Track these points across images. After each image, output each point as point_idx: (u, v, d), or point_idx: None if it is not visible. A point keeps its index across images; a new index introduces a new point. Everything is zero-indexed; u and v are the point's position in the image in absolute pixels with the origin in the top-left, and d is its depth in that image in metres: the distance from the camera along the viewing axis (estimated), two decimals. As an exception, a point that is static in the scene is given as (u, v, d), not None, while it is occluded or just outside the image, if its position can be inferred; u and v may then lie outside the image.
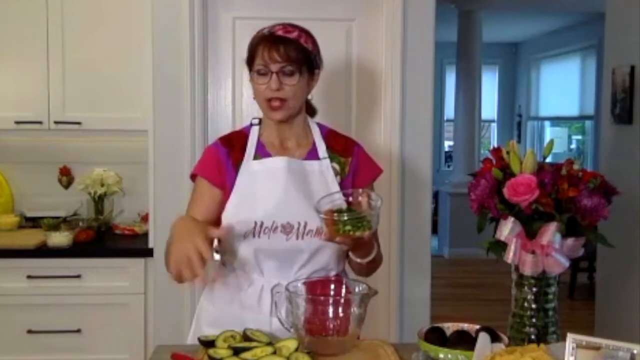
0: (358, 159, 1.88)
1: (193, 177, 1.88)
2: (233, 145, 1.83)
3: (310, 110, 1.92)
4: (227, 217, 1.77)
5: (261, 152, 1.82)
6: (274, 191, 1.75)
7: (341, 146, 1.87)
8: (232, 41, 2.98)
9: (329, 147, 1.85)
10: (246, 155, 1.81)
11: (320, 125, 1.90)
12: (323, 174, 1.81)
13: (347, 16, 2.98)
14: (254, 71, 1.76)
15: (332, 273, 1.82)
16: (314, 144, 1.85)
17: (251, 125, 1.87)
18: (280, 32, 1.76)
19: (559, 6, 7.34)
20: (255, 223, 1.74)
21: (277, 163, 1.78)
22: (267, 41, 1.74)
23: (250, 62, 1.79)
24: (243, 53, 2.93)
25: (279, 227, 1.74)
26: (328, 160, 1.83)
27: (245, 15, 2.97)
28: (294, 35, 1.76)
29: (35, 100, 3.16)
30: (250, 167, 1.79)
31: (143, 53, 2.98)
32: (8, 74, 3.20)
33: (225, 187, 1.80)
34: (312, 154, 1.84)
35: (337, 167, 1.84)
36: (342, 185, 1.82)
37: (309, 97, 1.85)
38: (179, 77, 2.93)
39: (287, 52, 1.73)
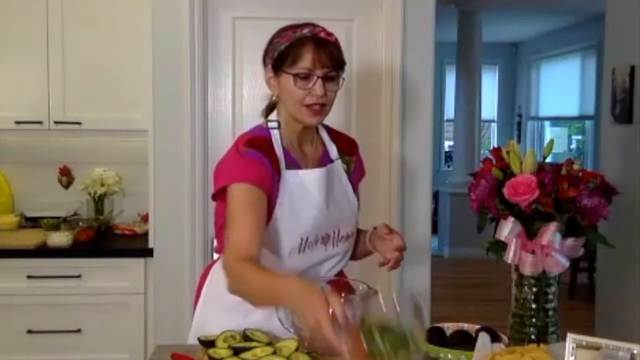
0: (359, 158, 1.91)
1: (223, 186, 1.67)
2: (270, 154, 1.69)
3: None
4: (272, 234, 1.68)
5: (291, 162, 1.73)
6: (313, 205, 1.70)
7: (345, 145, 1.88)
8: (232, 41, 2.98)
9: (337, 148, 1.85)
10: (281, 165, 1.70)
11: (322, 125, 1.87)
12: (338, 175, 1.82)
13: (347, 16, 2.98)
14: (292, 73, 1.65)
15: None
16: (324, 145, 1.84)
17: (268, 128, 1.75)
18: (323, 35, 1.68)
19: (559, 6, 7.33)
20: (302, 239, 1.70)
21: (312, 176, 1.73)
22: (313, 44, 1.65)
23: (286, 62, 1.67)
24: (243, 53, 2.99)
25: (320, 239, 1.74)
26: (340, 161, 1.83)
27: (245, 15, 2.97)
28: (333, 38, 1.70)
29: (35, 100, 3.16)
30: (288, 181, 1.70)
31: (143, 53, 2.98)
32: (8, 74, 3.20)
33: (271, 198, 1.67)
34: (325, 157, 1.82)
35: (345, 166, 1.85)
36: (349, 182, 1.84)
37: None
38: (179, 77, 2.93)
39: (333, 56, 1.66)
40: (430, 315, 3.04)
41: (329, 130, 1.89)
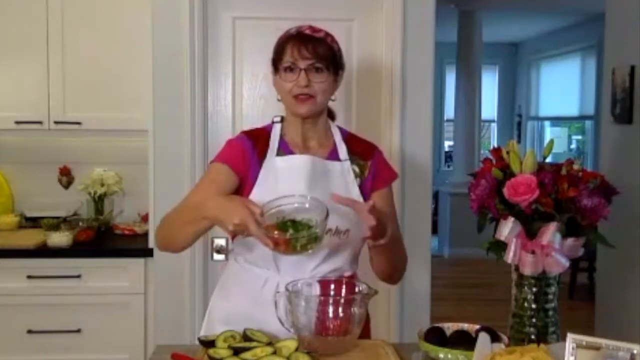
0: (378, 162, 1.91)
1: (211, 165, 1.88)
2: (258, 139, 1.84)
3: (330, 114, 1.93)
4: None
5: (284, 149, 1.83)
6: (296, 188, 1.74)
7: (361, 149, 1.90)
8: (232, 41, 2.98)
9: (349, 150, 1.87)
10: (269, 151, 1.82)
11: (340, 129, 1.92)
12: (344, 175, 1.83)
13: (347, 16, 2.98)
14: (281, 69, 1.78)
15: (347, 274, 1.84)
16: (334, 145, 1.87)
17: (273, 123, 1.87)
18: (308, 32, 1.79)
19: (559, 6, 7.34)
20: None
21: (300, 160, 1.80)
22: (295, 39, 1.77)
23: (277, 61, 1.80)
24: (243, 53, 2.99)
25: None
26: (349, 162, 1.85)
27: (245, 15, 2.97)
28: (321, 34, 1.80)
29: (35, 100, 3.16)
30: (274, 163, 1.80)
31: (143, 53, 2.98)
32: (8, 74, 3.20)
33: (247, 179, 1.80)
34: (333, 155, 1.86)
35: (356, 169, 1.86)
36: (361, 187, 1.84)
37: (333, 98, 1.85)
38: (179, 77, 2.93)
39: (316, 49, 1.76)
40: (430, 315, 3.05)
41: (347, 134, 1.93)
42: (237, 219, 1.55)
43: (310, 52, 1.75)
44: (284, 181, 1.77)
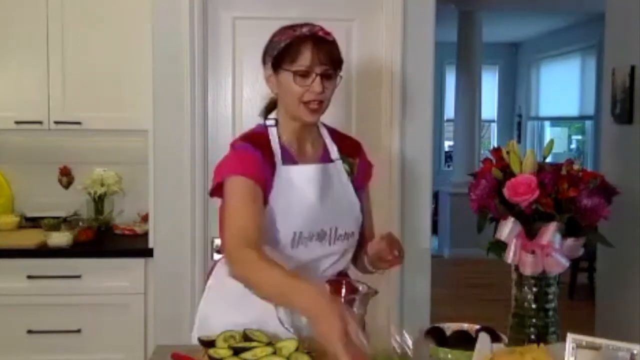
0: (363, 159, 1.92)
1: (220, 182, 1.72)
2: (264, 148, 1.74)
3: None
4: (266, 227, 1.68)
5: (287, 157, 1.76)
6: (308, 200, 1.72)
7: (348, 147, 1.89)
8: (232, 41, 2.98)
9: (338, 149, 1.86)
10: (276, 160, 1.74)
11: (327, 127, 1.90)
12: (339, 175, 1.83)
13: (347, 16, 2.98)
14: (291, 71, 1.68)
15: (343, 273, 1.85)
16: (325, 145, 1.85)
17: (266, 126, 1.80)
18: (321, 34, 1.71)
19: (559, 6, 7.34)
20: (295, 234, 1.70)
21: (308, 172, 1.75)
22: (312, 42, 1.68)
23: (284, 60, 1.70)
24: (243, 53, 2.99)
25: (315, 236, 1.73)
26: (340, 162, 1.84)
27: (245, 15, 2.97)
28: (331, 38, 1.74)
29: (35, 100, 3.16)
30: (283, 175, 1.73)
31: (143, 53, 2.98)
32: (8, 74, 3.20)
33: (265, 190, 1.71)
34: (325, 156, 1.84)
35: (347, 167, 1.86)
36: (352, 185, 1.85)
37: None
38: (179, 77, 2.93)
39: (332, 54, 1.70)
40: (430, 315, 3.05)
41: (332, 131, 1.91)
42: (326, 335, 1.30)
43: (328, 57, 1.69)
44: (294, 194, 1.72)
